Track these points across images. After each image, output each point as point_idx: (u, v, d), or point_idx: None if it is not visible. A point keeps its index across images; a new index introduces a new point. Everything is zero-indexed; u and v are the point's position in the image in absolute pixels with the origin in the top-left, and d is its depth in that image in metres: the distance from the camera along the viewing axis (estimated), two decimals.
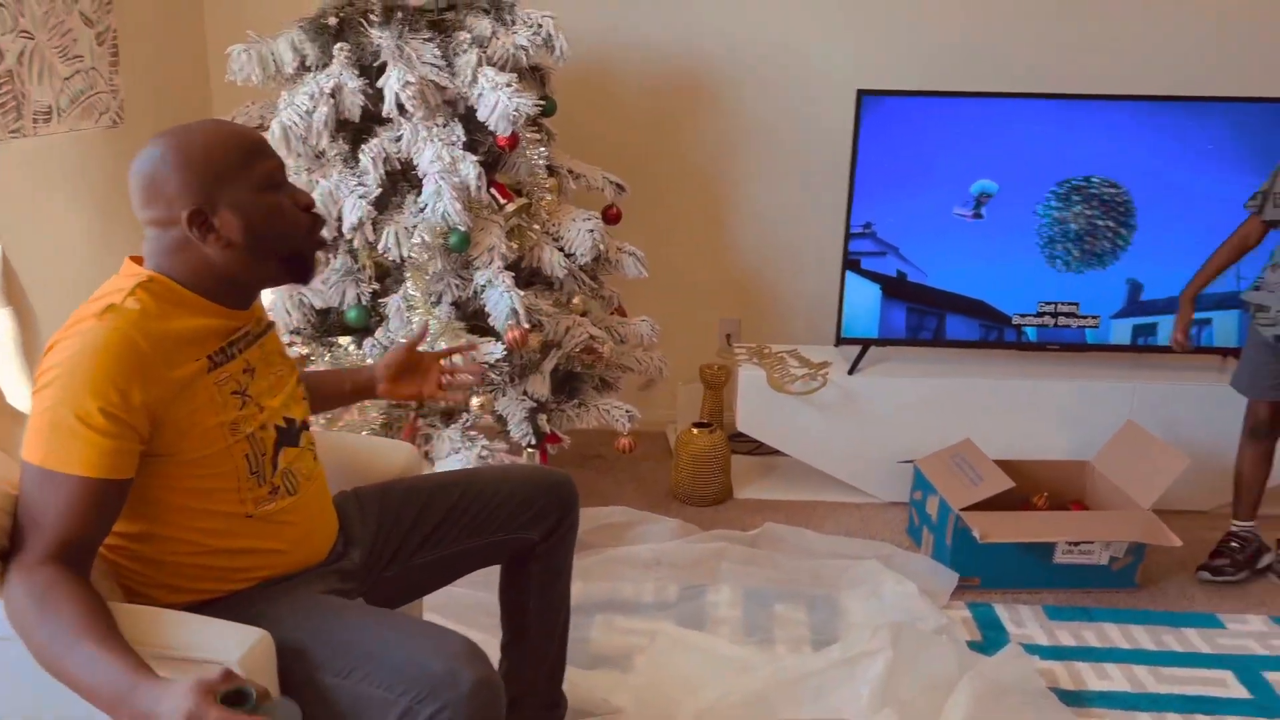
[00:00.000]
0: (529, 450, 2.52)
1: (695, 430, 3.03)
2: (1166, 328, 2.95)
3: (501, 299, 2.36)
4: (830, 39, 3.15)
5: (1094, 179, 2.87)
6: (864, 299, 2.97)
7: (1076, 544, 2.52)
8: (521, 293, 2.40)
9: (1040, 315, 2.98)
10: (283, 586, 1.39)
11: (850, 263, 2.94)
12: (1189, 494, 2.90)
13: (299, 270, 1.39)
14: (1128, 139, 2.83)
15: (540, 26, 2.51)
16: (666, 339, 3.08)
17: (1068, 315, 2.97)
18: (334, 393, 1.70)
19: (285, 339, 2.48)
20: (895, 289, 2.96)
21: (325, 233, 2.31)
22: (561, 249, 2.57)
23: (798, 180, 3.28)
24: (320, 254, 1.47)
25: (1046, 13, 3.10)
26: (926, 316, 2.99)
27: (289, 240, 1.35)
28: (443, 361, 1.75)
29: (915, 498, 2.82)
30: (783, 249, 3.36)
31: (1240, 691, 2.21)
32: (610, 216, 2.82)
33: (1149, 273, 2.92)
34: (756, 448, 3.27)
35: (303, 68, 2.46)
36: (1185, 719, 2.11)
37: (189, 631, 1.25)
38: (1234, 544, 2.64)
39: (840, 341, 3.02)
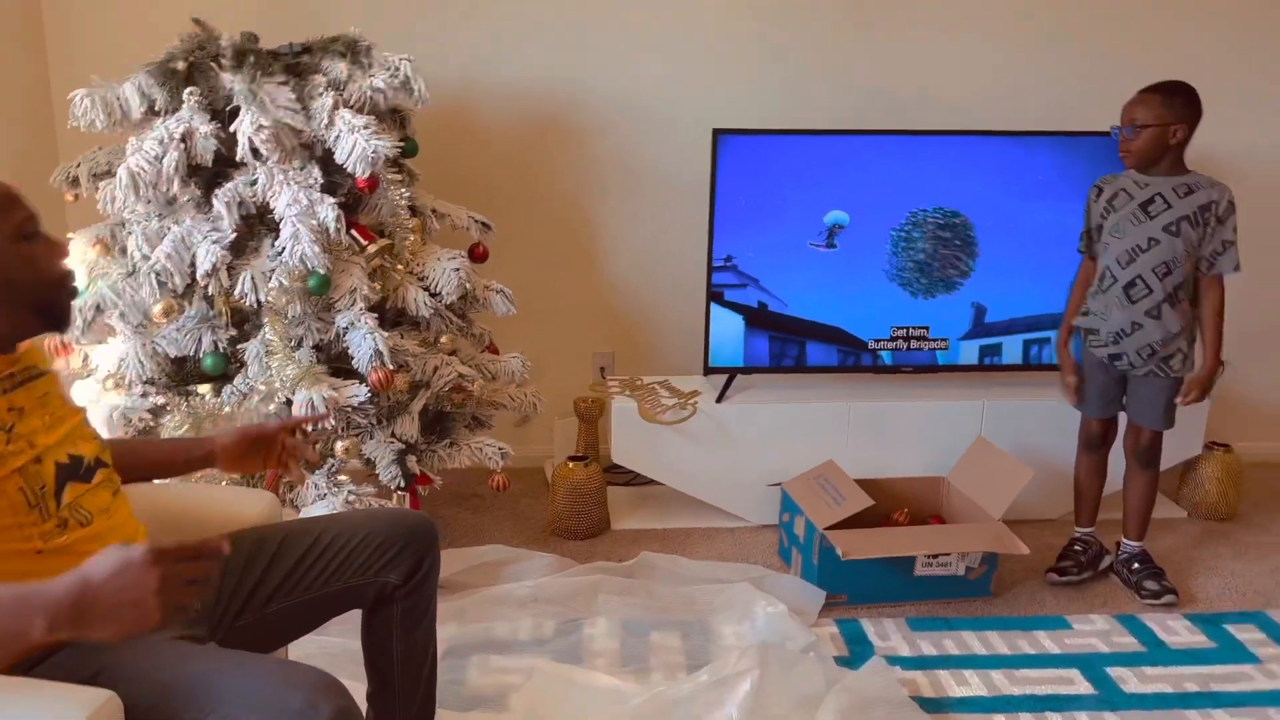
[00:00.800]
0: (399, 493, 2.51)
1: (571, 464, 3.05)
2: (1010, 347, 3.13)
3: (365, 341, 2.34)
4: (686, 79, 3.25)
5: (938, 209, 3.03)
6: (729, 329, 3.06)
7: (935, 556, 2.63)
8: (386, 334, 2.39)
9: (894, 340, 3.12)
10: None
11: (714, 295, 3.03)
12: (1038, 504, 3.08)
13: (54, 319, 1.41)
14: (968, 171, 3.01)
15: (398, 69, 2.53)
16: (541, 374, 3.11)
17: (919, 339, 3.13)
18: (164, 461, 1.67)
19: (138, 390, 2.41)
20: (758, 319, 3.06)
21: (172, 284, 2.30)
22: (427, 288, 2.58)
23: (662, 215, 3.36)
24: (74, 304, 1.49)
25: (894, 52, 3.27)
26: (788, 344, 3.09)
27: (43, 290, 1.38)
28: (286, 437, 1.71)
29: (784, 519, 2.91)
30: (651, 283, 3.43)
31: (1086, 688, 2.34)
32: (477, 255, 2.84)
33: (992, 296, 3.10)
34: (633, 478, 3.31)
35: (151, 112, 2.41)
36: (1037, 718, 2.23)
37: (24, 699, 1.20)
38: (1077, 548, 2.81)
39: (708, 371, 3.10)
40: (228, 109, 2.39)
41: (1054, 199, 3.02)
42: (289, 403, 2.32)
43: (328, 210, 2.33)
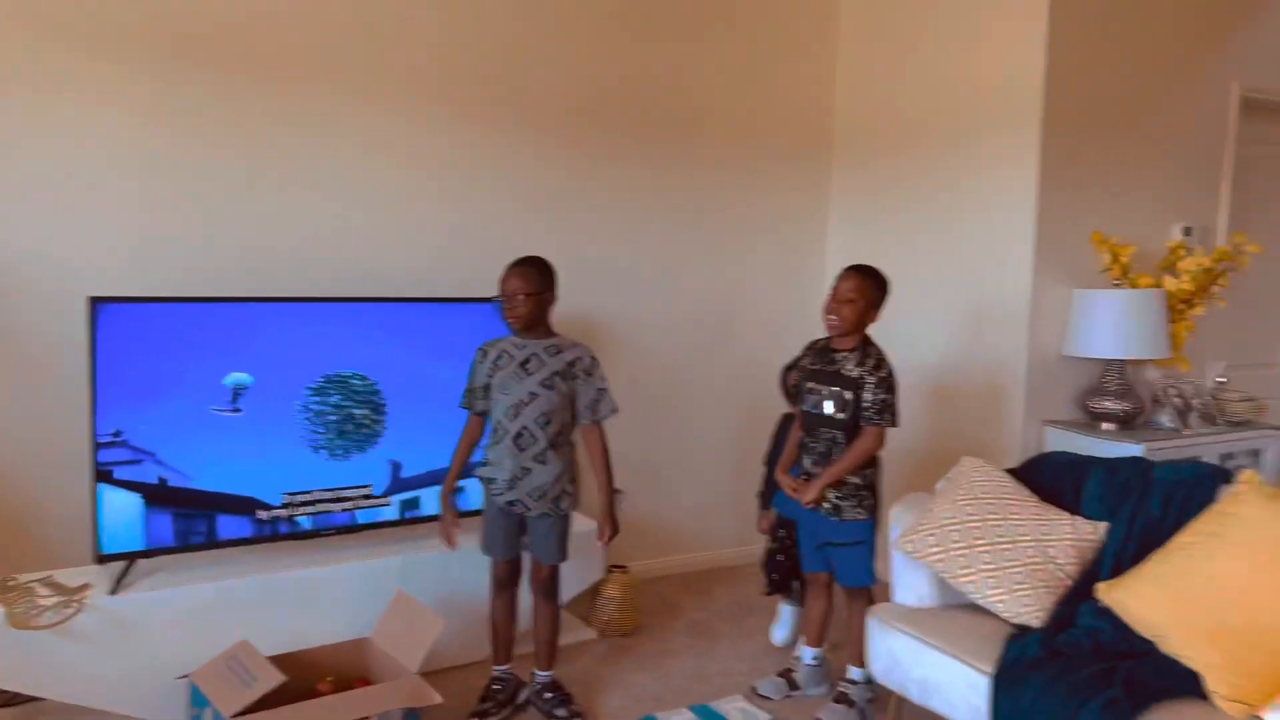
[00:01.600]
0: None
1: None
2: (428, 499, 3.26)
3: None
4: (60, 240, 3.01)
5: (346, 373, 3.11)
6: (124, 510, 2.80)
7: None
8: None
9: (312, 503, 3.09)
10: None
11: (102, 474, 2.76)
12: (463, 648, 3.19)
13: None
14: (374, 334, 3.14)
15: None
16: None
17: (338, 500, 3.13)
18: None
19: None
20: (158, 496, 2.85)
21: None
22: None
23: (36, 391, 3.02)
24: None
25: (289, 215, 3.34)
26: (196, 520, 2.91)
27: None
28: None
29: (194, 714, 2.66)
30: (27, 466, 3.03)
31: None
32: None
33: (406, 453, 3.22)
34: (12, 698, 2.82)
35: None
36: None
37: None
38: (496, 687, 2.95)
39: (101, 559, 2.79)
40: None
41: (456, 358, 3.26)
42: None
43: None
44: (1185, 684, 2.21)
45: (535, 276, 2.83)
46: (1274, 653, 2.14)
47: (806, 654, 3.16)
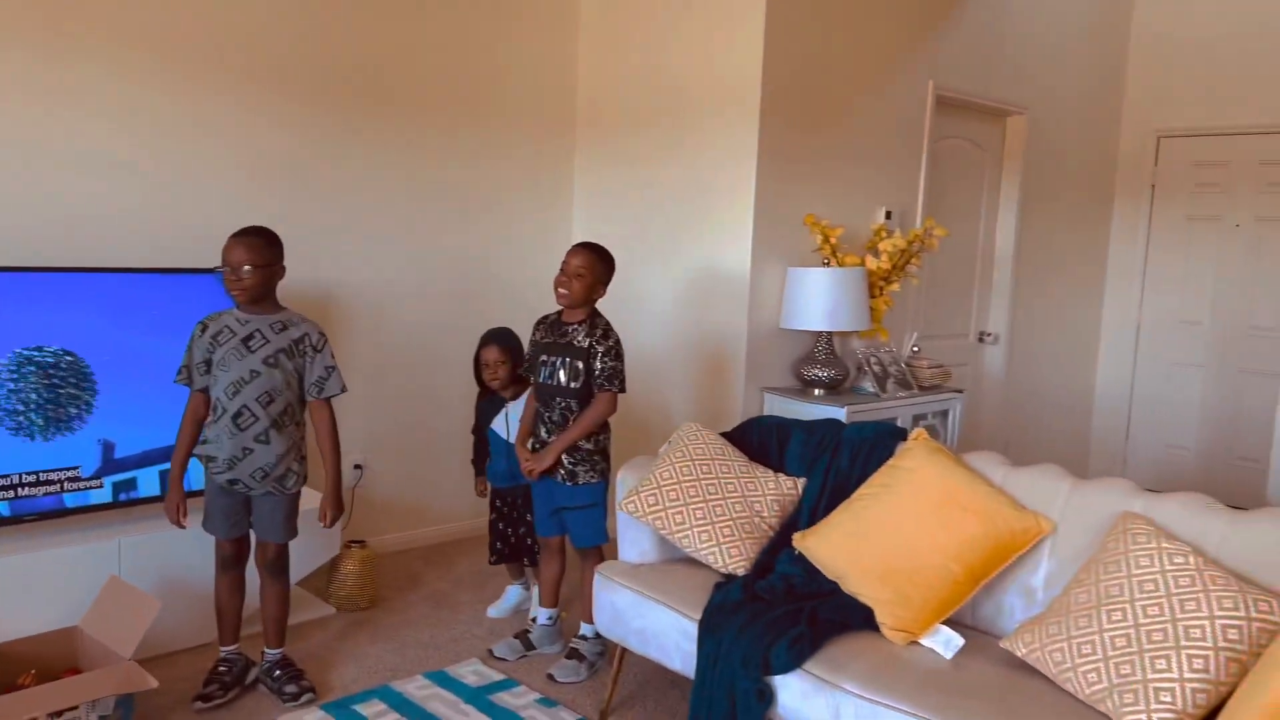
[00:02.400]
0: None
1: None
2: (146, 480, 3.11)
3: None
4: None
5: (46, 348, 2.90)
6: None
7: (59, 715, 2.45)
8: None
9: (11, 488, 2.88)
10: None
11: None
12: (188, 631, 3.09)
13: None
14: (76, 307, 2.95)
15: None
16: None
17: (40, 484, 2.93)
18: None
19: None
20: None
21: None
22: None
23: None
24: None
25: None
26: None
27: None
28: None
29: None
30: None
31: None
32: None
33: (119, 431, 3.06)
34: None
35: None
36: None
37: None
38: (222, 668, 2.88)
39: None
40: None
41: (176, 333, 3.11)
42: None
43: None
44: (861, 619, 2.50)
45: (262, 247, 2.75)
46: (930, 587, 2.46)
47: (541, 614, 3.29)
